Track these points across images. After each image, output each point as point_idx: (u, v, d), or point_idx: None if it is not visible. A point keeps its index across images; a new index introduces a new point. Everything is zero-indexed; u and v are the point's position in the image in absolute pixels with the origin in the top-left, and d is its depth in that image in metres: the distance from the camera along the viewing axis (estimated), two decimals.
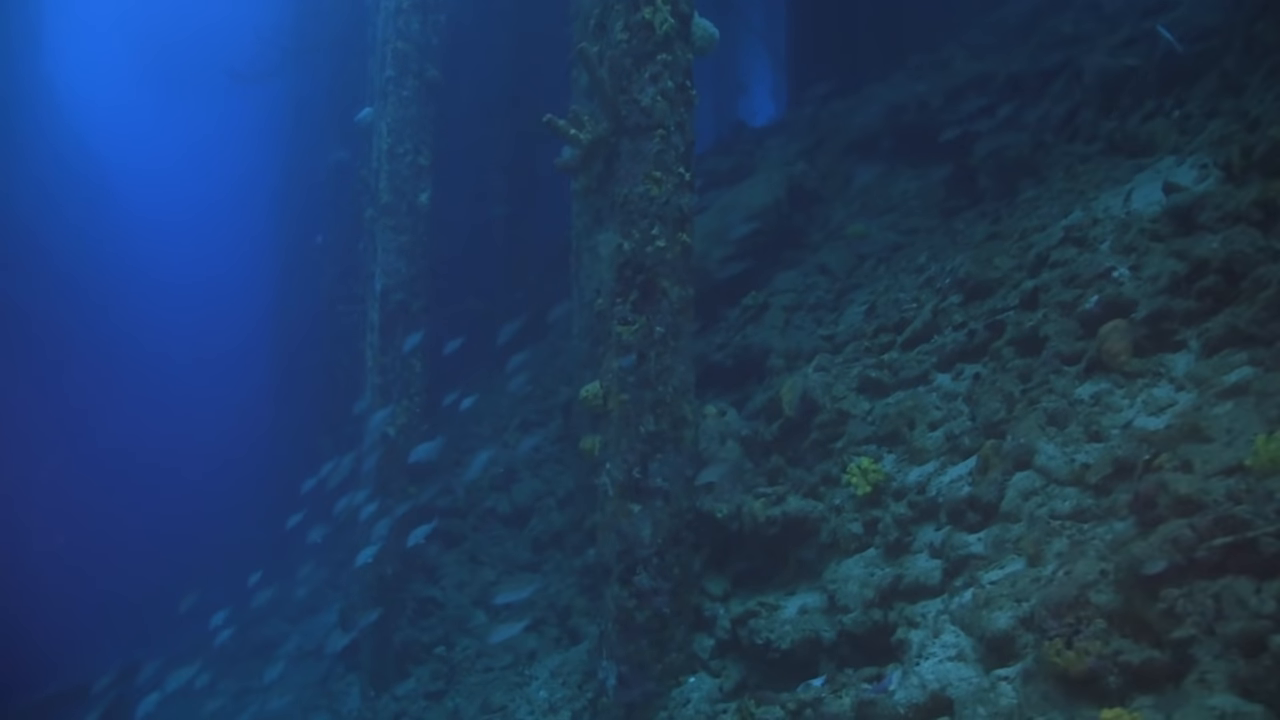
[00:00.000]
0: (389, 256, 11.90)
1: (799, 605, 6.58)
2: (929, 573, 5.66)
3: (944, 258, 9.08)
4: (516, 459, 12.73)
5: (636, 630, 7.14)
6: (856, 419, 7.21)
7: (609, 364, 7.36)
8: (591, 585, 10.03)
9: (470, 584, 11.71)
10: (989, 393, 6.32)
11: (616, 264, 7.30)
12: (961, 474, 6.04)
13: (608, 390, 7.34)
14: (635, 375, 7.21)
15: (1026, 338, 6.49)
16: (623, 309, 7.27)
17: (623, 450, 7.22)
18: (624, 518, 7.19)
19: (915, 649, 5.21)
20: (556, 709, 8.33)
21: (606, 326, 7.40)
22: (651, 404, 7.23)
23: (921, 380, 7.17)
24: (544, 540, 11.62)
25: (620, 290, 7.28)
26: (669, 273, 7.33)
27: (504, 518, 12.39)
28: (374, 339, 12.01)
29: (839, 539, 6.49)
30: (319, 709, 13.02)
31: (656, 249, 7.28)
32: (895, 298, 8.89)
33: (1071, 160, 9.20)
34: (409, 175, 12.03)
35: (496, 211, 17.36)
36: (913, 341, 7.59)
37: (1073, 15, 11.98)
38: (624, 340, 7.23)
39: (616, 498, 7.24)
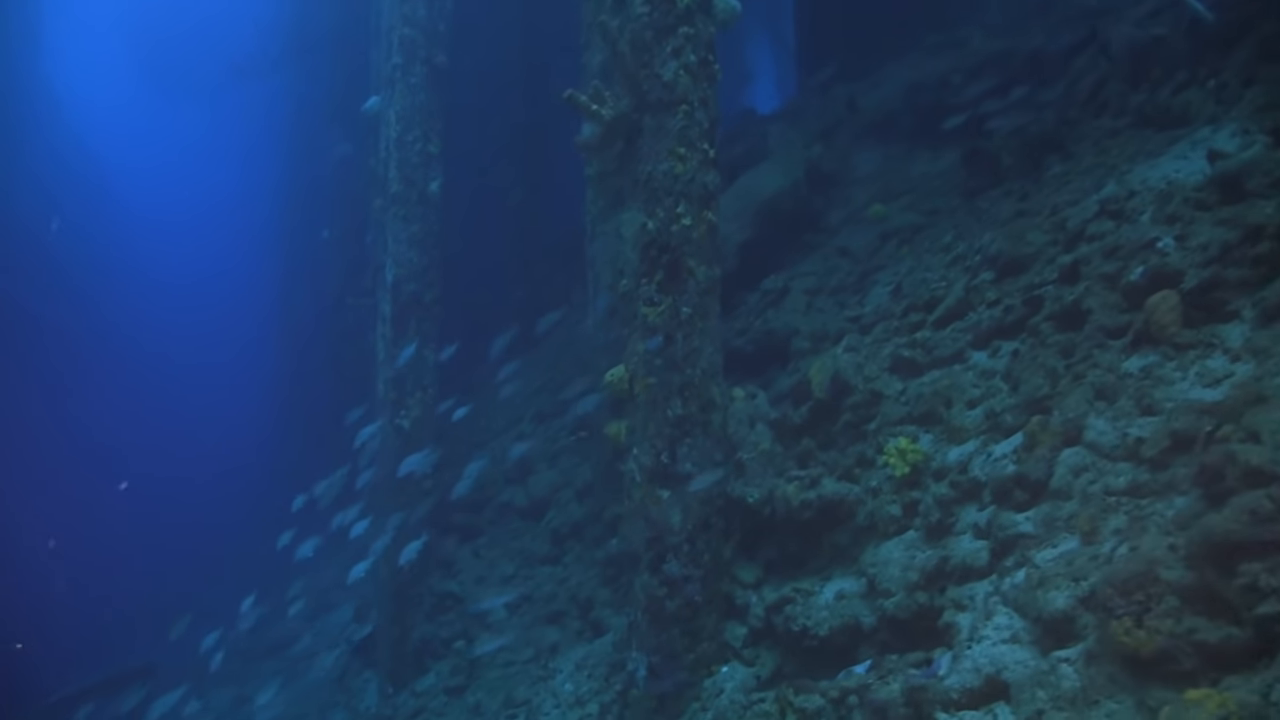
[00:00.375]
0: (400, 247, 11.71)
1: (836, 591, 6.39)
2: (975, 554, 5.48)
3: (971, 236, 8.88)
4: (534, 451, 12.54)
5: (667, 619, 6.96)
6: (890, 399, 7.02)
7: (634, 347, 7.18)
8: (614, 576, 9.86)
9: (489, 578, 11.53)
10: (1030, 369, 6.13)
11: (641, 244, 7.11)
12: (1005, 452, 5.85)
13: (634, 374, 7.16)
14: (662, 358, 7.02)
15: (1067, 312, 6.30)
16: (648, 290, 7.08)
17: (650, 435, 7.04)
18: (653, 504, 7.00)
19: (965, 632, 5.03)
20: (583, 702, 8.16)
21: (631, 308, 7.21)
22: (679, 387, 7.05)
23: (957, 359, 6.98)
24: (563, 532, 11.44)
25: (645, 271, 7.09)
26: (695, 252, 7.14)
27: (521, 510, 12.21)
28: (386, 330, 11.83)
29: (877, 522, 6.31)
30: (336, 706, 12.88)
31: (682, 228, 7.09)
32: (922, 277, 8.70)
33: (1100, 135, 8.99)
34: (419, 163, 11.84)
35: (510, 199, 17.13)
36: (945, 320, 7.39)
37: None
38: (650, 322, 7.04)
39: (644, 484, 7.06)
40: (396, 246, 11.73)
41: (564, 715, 8.15)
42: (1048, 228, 7.63)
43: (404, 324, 11.70)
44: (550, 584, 10.86)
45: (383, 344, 12.11)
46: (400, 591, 11.69)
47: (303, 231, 20.17)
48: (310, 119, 20.84)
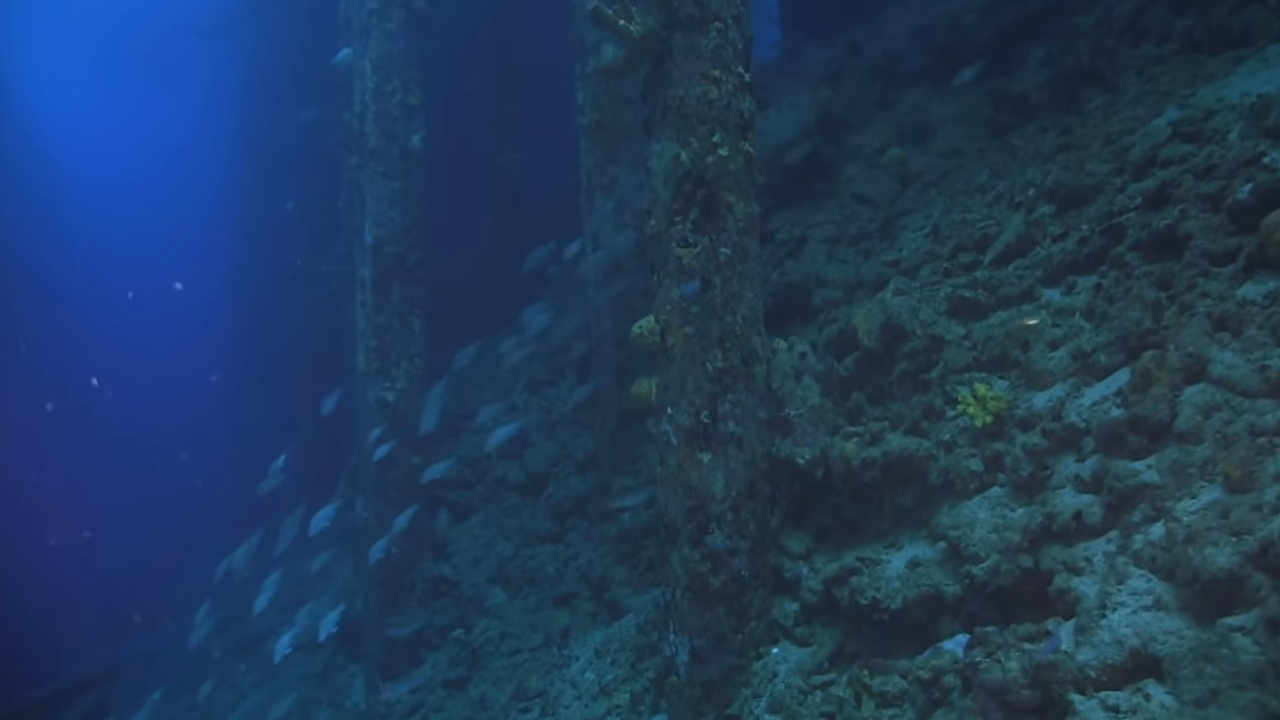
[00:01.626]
0: (380, 205, 10.82)
1: (908, 558, 5.70)
2: (1085, 510, 4.79)
3: (1011, 174, 8.22)
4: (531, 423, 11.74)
5: (712, 597, 6.24)
6: (953, 344, 6.33)
7: (666, 294, 6.41)
8: (630, 553, 9.13)
9: (485, 559, 10.75)
10: (1125, 303, 5.46)
11: (674, 178, 6.33)
12: (1105, 394, 5.18)
13: (666, 324, 6.39)
14: (699, 305, 6.27)
15: (1159, 240, 5.63)
16: (682, 229, 6.31)
17: (688, 392, 6.29)
18: (693, 469, 6.26)
19: (1094, 599, 4.35)
20: (610, 691, 7.42)
21: (662, 251, 6.44)
22: (719, 337, 6.30)
23: (1026, 297, 6.30)
24: (565, 508, 10.69)
25: (679, 208, 6.32)
26: (733, 186, 6.38)
27: (517, 486, 11.42)
28: (366, 297, 10.94)
29: (953, 479, 5.61)
30: (320, 704, 12.06)
31: (718, 159, 6.33)
32: (961, 218, 8.03)
33: (1144, 63, 8.38)
34: (399, 115, 10.95)
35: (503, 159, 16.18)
36: (1006, 258, 6.71)
37: None
38: (685, 265, 6.28)
39: (682, 446, 6.31)
40: (376, 206, 10.84)
41: (589, 708, 7.41)
42: (1107, 157, 6.99)
43: (386, 289, 10.83)
44: (554, 564, 10.11)
45: (362, 312, 11.22)
46: (390, 577, 10.88)
47: (264, 202, 19.07)
48: (270, 83, 19.71)
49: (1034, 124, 9.02)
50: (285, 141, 18.62)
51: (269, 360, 18.60)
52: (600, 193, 10.52)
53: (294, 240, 17.71)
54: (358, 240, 11.63)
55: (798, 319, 9.11)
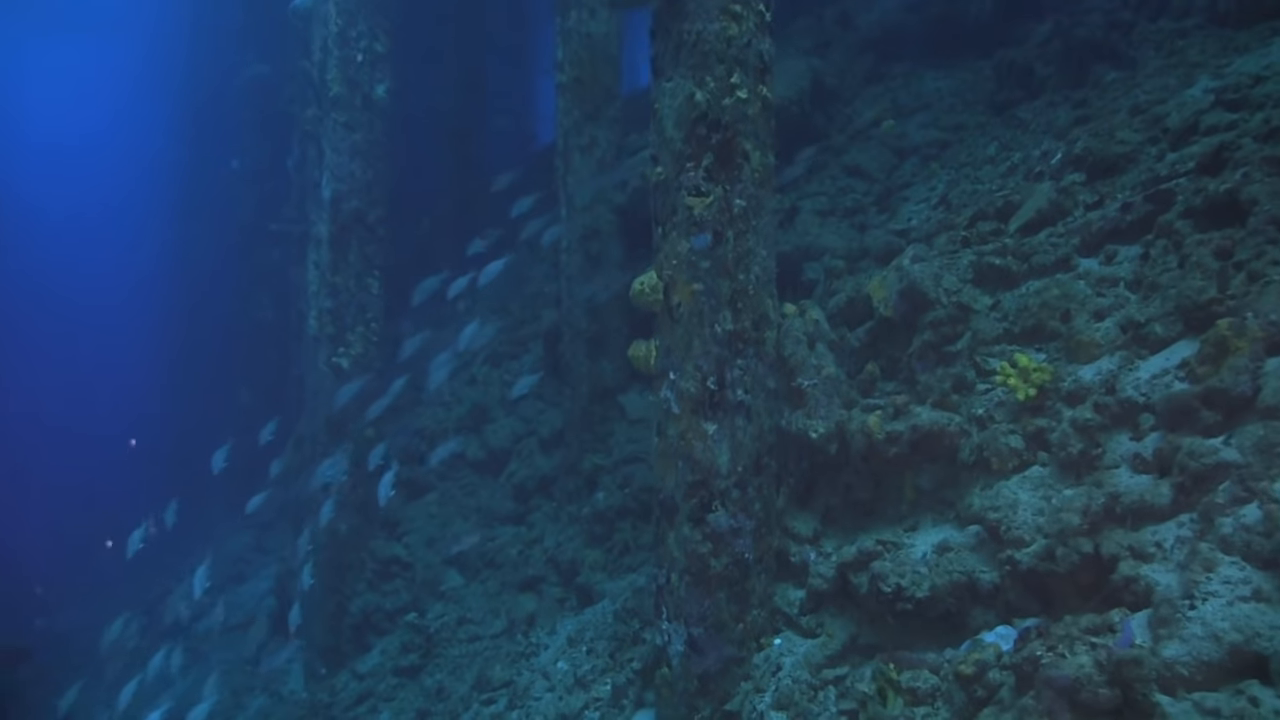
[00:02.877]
0: (340, 158, 10.06)
1: (935, 542, 5.20)
2: (1151, 490, 4.33)
3: (1023, 146, 7.80)
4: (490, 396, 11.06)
5: (712, 582, 5.68)
6: (981, 314, 5.84)
7: (673, 247, 5.82)
8: (604, 535, 8.53)
9: (441, 539, 10.06)
10: (1182, 271, 5.02)
11: (687, 120, 5.74)
12: (1165, 367, 4.73)
13: (671, 281, 5.80)
14: (710, 260, 5.69)
15: (1216, 205, 5.20)
16: (694, 177, 5.72)
17: (694, 355, 5.71)
18: (697, 440, 5.69)
19: (1177, 589, 3.87)
20: (587, 684, 6.82)
21: (669, 201, 5.84)
22: (729, 296, 5.74)
23: (1061, 266, 5.84)
24: (529, 487, 10.05)
25: (691, 153, 5.73)
26: (751, 133, 5.82)
27: (476, 464, 10.74)
28: (321, 256, 10.17)
29: (989, 456, 5.12)
30: (253, 691, 11.27)
31: (736, 101, 5.76)
32: (972, 190, 7.59)
33: (1163, 37, 8.01)
34: (364, 64, 10.19)
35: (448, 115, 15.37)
36: (1035, 225, 6.25)
37: None
38: (696, 216, 5.70)
39: (685, 415, 5.73)
40: (336, 158, 10.07)
41: (564, 700, 6.80)
42: (1139, 126, 6.58)
43: (344, 247, 10.07)
44: (517, 545, 9.47)
45: (316, 272, 10.45)
46: (337, 555, 10.14)
47: (207, 162, 18.01)
48: (215, 38, 18.65)
49: (1041, 99, 8.61)
50: (231, 99, 17.61)
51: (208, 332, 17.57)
52: (578, 153, 9.90)
53: (240, 202, 16.72)
54: (313, 196, 10.84)
55: (789, 291, 8.58)
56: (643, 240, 10.15)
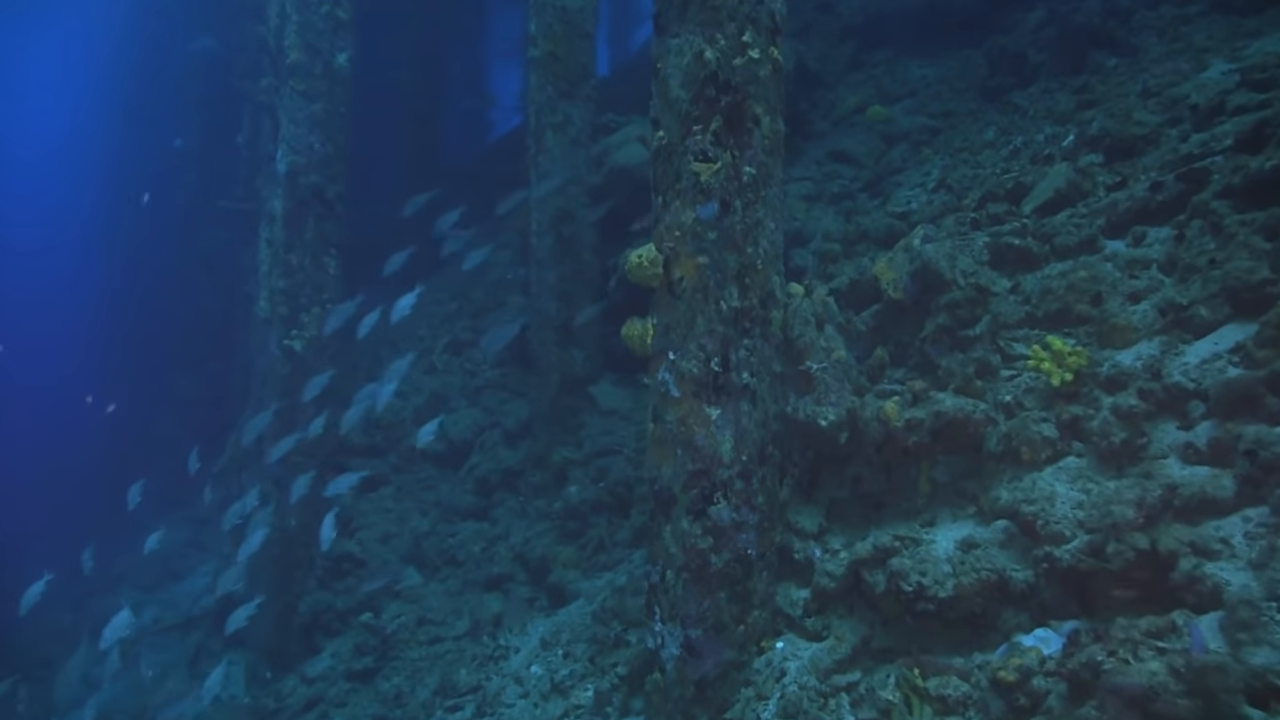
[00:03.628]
0: (298, 129, 9.43)
1: (958, 538, 4.82)
2: (1211, 482, 3.99)
3: (1024, 131, 7.51)
4: (450, 386, 10.51)
5: (712, 580, 5.24)
6: (1000, 297, 5.50)
7: (675, 218, 5.37)
8: (577, 531, 8.04)
9: (398, 536, 9.47)
10: (1226, 251, 4.72)
11: (695, 80, 5.30)
12: (1217, 351, 4.42)
13: (674, 253, 5.35)
14: (717, 231, 5.26)
15: (1258, 183, 4.91)
16: (701, 141, 5.28)
17: (697, 334, 5.27)
18: (698, 426, 5.24)
19: (1260, 589, 3.53)
20: (565, 690, 6.33)
21: (672, 167, 5.39)
22: (736, 271, 5.31)
23: (1087, 248, 5.52)
24: (492, 481, 9.51)
25: (699, 115, 5.29)
26: (762, 96, 5.40)
27: (435, 456, 10.17)
28: (275, 233, 9.53)
29: (1018, 446, 4.75)
30: (185, 696, 10.53)
31: (748, 62, 5.33)
32: (974, 174, 7.27)
33: (1165, 24, 7.80)
34: (325, 29, 9.57)
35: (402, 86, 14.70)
36: (1053, 206, 5.93)
37: None
38: (703, 183, 5.26)
39: (686, 398, 5.28)
40: (294, 129, 9.44)
41: (540, 709, 6.29)
42: (1154, 108, 6.32)
43: (299, 223, 9.45)
44: (480, 542, 8.94)
45: (269, 250, 9.81)
46: (285, 552, 9.51)
47: (146, 142, 17.09)
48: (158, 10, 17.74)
49: (1036, 85, 8.37)
50: (175, 75, 16.74)
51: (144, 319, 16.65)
52: (551, 132, 9.42)
53: (182, 183, 15.87)
54: (266, 171, 10.20)
55: None
56: (617, 224, 9.72)
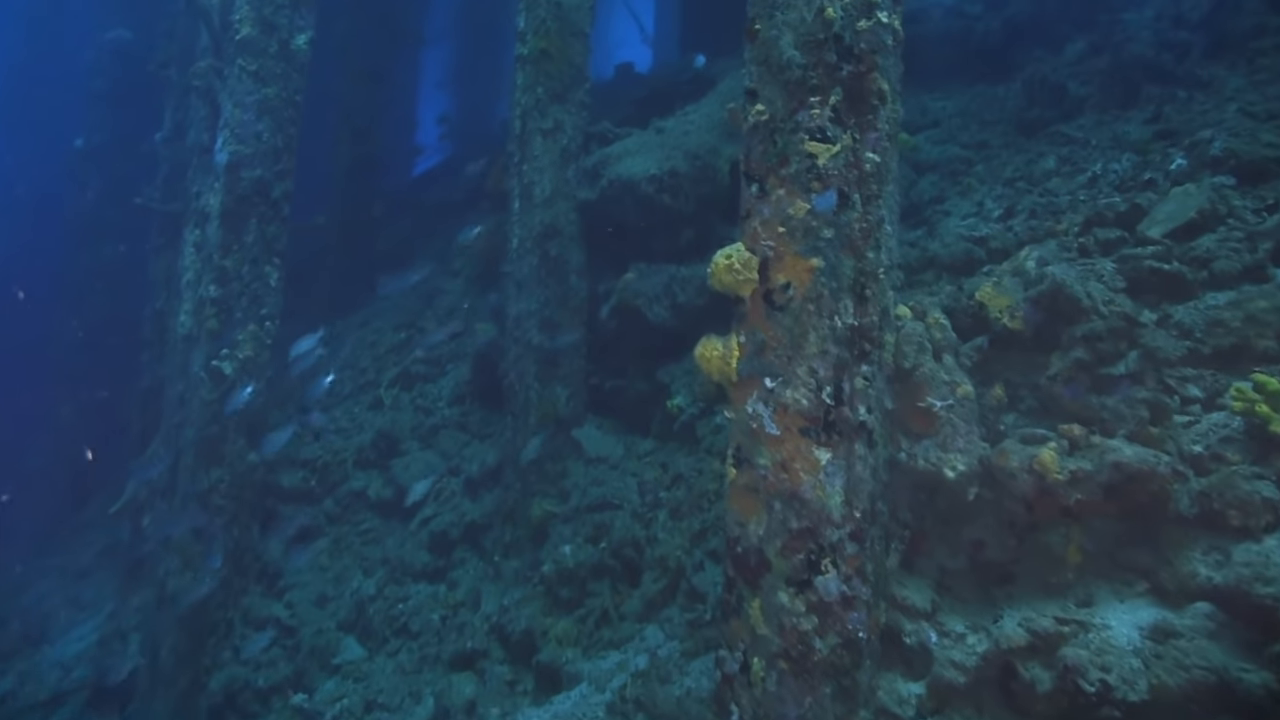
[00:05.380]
0: (245, 115, 8.09)
1: (1139, 623, 3.81)
2: None
3: (1097, 159, 6.77)
4: (399, 424, 9.12)
5: (815, 670, 4.09)
6: (1150, 329, 4.58)
7: (779, 209, 4.30)
8: (575, 600, 6.76)
9: (336, 599, 8.00)
10: None
11: (813, 41, 4.28)
12: None
13: (777, 254, 4.27)
14: (834, 228, 4.21)
15: None
16: (818, 116, 4.25)
17: (808, 355, 4.18)
18: (805, 472, 4.13)
19: None
20: None
21: (775, 147, 4.33)
22: (854, 279, 4.26)
23: (1251, 275, 4.67)
24: (451, 537, 8.16)
25: (817, 84, 4.26)
26: (888, 69, 4.42)
27: (381, 505, 8.76)
28: (209, 234, 8.12)
29: (1223, 508, 3.80)
30: None
31: (875, 25, 4.36)
32: (1048, 201, 6.46)
33: (1236, 57, 7.22)
34: (284, 3, 8.29)
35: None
36: (1192, 230, 5.08)
37: None
38: (820, 167, 4.22)
39: (789, 437, 4.17)
40: (239, 114, 8.08)
41: None
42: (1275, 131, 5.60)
43: (239, 223, 8.05)
44: (438, 609, 7.56)
45: (197, 254, 8.39)
46: (195, 615, 7.93)
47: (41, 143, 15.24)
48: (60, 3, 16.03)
49: (1086, 117, 7.70)
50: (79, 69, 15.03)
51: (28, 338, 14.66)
52: (540, 137, 8.31)
53: (83, 185, 14.08)
54: (199, 163, 8.78)
55: None
56: (610, 246, 8.62)
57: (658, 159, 7.99)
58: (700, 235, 8.23)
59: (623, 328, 8.08)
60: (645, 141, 8.32)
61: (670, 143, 8.15)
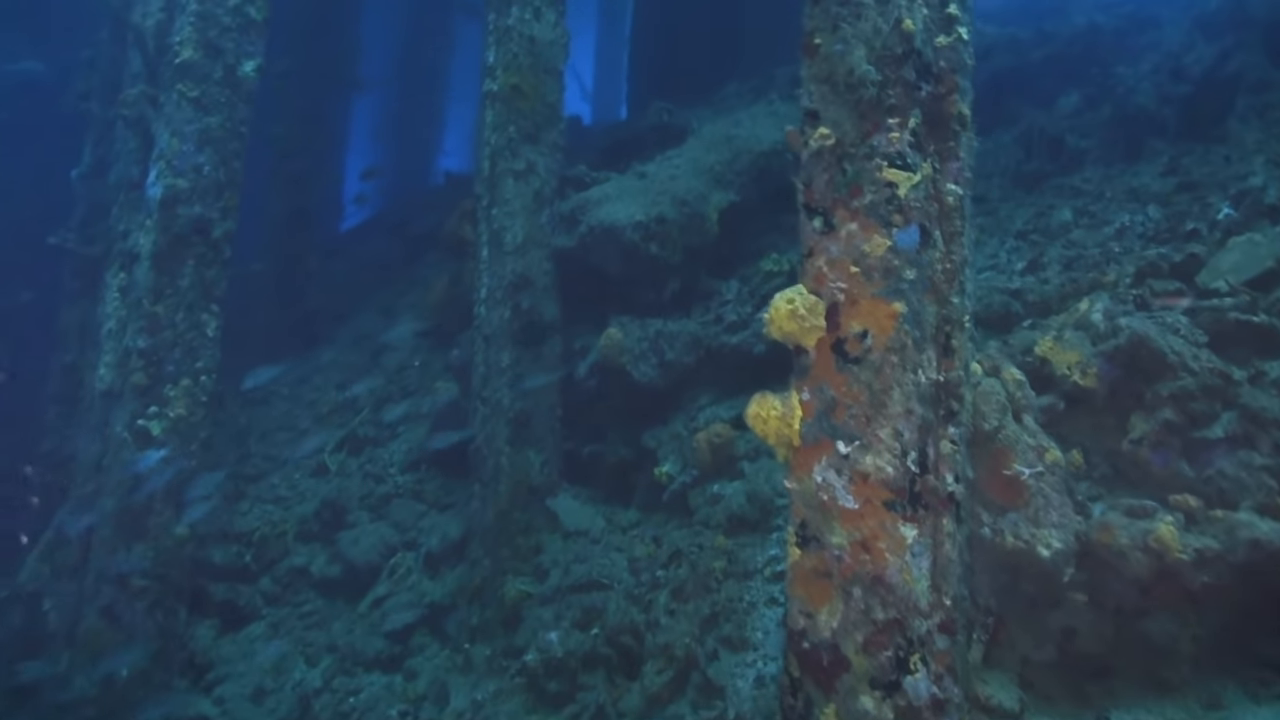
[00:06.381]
0: (184, 146, 7.30)
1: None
2: None
3: (1120, 211, 6.44)
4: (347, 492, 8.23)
5: None
6: (1245, 386, 4.12)
7: (850, 246, 3.72)
8: (565, 695, 5.95)
9: (277, 693, 7.02)
10: None
11: (893, 54, 3.76)
12: None
13: (850, 297, 3.68)
14: (916, 268, 3.65)
15: None
16: (896, 141, 3.72)
17: (891, 416, 3.58)
18: (891, 553, 3.50)
19: None
20: None
21: (846, 176, 3.77)
22: (937, 328, 3.71)
23: None
24: (409, 620, 7.26)
25: (894, 104, 3.73)
26: (967, 93, 3.93)
27: (325, 583, 7.84)
28: (141, 276, 7.26)
29: None
30: None
31: (956, 43, 3.88)
32: (1076, 254, 6.08)
33: (1244, 112, 7.03)
34: (232, 26, 7.57)
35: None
36: (1267, 281, 4.68)
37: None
38: (900, 199, 3.67)
39: (870, 511, 3.54)
40: (177, 145, 7.28)
41: None
42: None
43: (174, 265, 7.20)
44: (396, 702, 6.67)
45: (121, 300, 7.50)
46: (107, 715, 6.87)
47: None
48: None
49: (1089, 170, 7.43)
50: None
51: None
52: (511, 180, 7.72)
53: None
54: (126, 199, 7.91)
55: None
56: (586, 298, 7.98)
57: (643, 205, 7.42)
58: (686, 287, 7.65)
59: (603, 387, 7.41)
60: (627, 186, 7.75)
61: (655, 188, 7.60)
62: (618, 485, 7.38)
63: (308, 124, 12.62)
